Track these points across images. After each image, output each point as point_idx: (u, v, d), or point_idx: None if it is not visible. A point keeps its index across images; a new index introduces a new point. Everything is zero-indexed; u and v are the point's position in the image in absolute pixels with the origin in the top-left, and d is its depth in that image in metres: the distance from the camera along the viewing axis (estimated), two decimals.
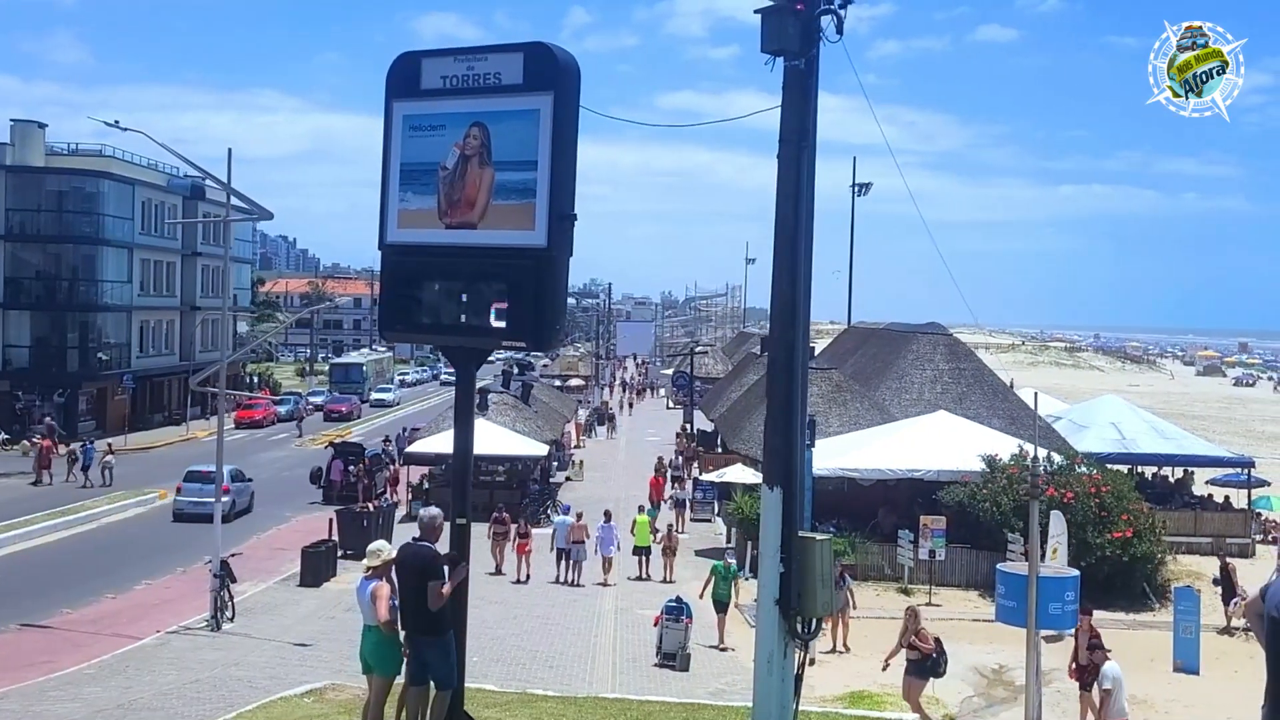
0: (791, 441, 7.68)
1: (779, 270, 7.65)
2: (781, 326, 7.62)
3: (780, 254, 7.64)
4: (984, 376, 36.44)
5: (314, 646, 19.33)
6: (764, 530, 7.72)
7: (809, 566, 7.64)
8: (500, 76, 8.89)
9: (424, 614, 8.75)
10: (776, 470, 7.68)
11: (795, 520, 7.71)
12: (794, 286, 7.58)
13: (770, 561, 7.66)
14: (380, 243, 9.46)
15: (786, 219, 7.61)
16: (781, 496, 7.63)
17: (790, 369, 7.62)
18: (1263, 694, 4.74)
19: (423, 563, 8.82)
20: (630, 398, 73.97)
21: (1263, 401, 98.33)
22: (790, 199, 7.58)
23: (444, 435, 36.72)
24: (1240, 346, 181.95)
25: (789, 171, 7.59)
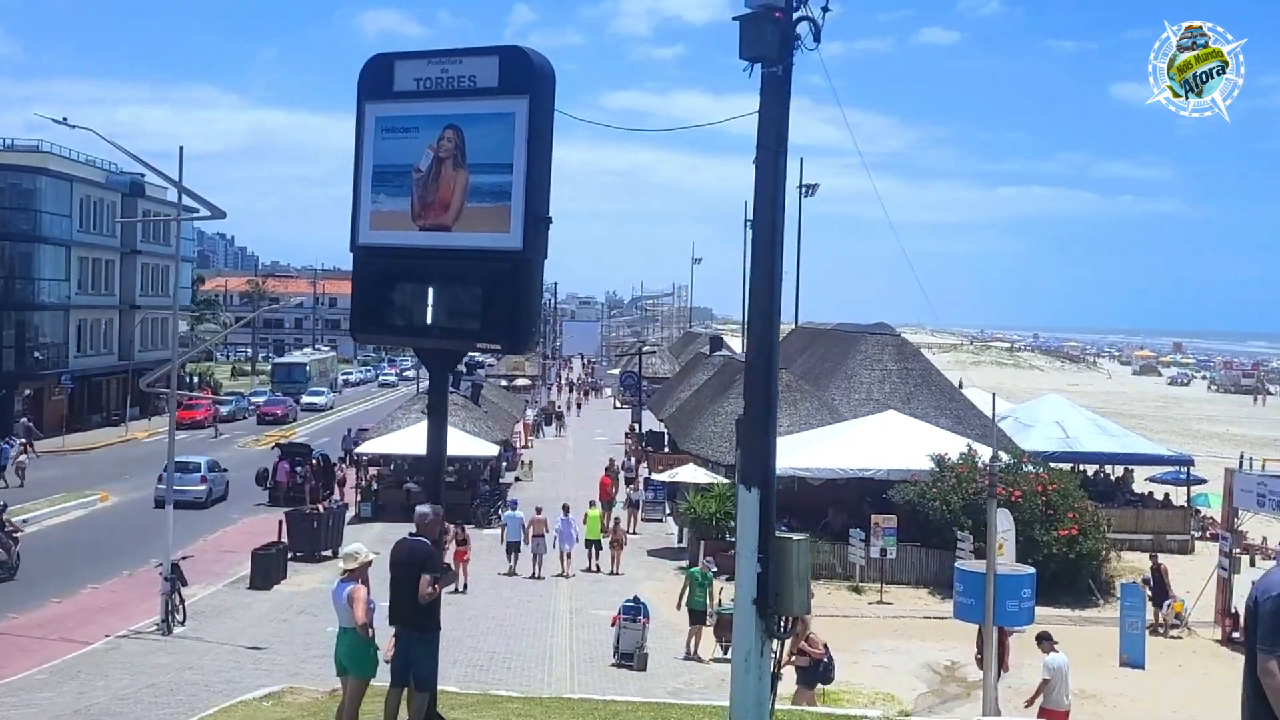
0: (769, 442, 7.78)
1: (757, 273, 7.75)
2: (761, 328, 7.72)
3: (759, 257, 7.74)
4: (931, 376, 36.91)
5: (268, 649, 19.16)
6: (741, 530, 7.81)
7: (786, 566, 7.74)
8: (475, 79, 8.92)
9: (416, 609, 8.76)
10: (754, 471, 7.77)
11: (772, 520, 7.81)
12: (772, 289, 7.68)
13: (748, 561, 7.75)
14: (352, 244, 9.44)
15: (765, 223, 7.70)
16: (759, 497, 7.72)
17: (769, 370, 7.71)
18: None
19: (419, 557, 8.84)
20: (578, 398, 73.90)
21: (1197, 400, 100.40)
22: (768, 203, 7.68)
23: (393, 436, 36.56)
24: (1175, 346, 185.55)
25: (767, 176, 7.69)
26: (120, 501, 36.97)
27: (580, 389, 78.66)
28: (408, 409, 39.14)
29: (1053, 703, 15.18)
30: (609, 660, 19.58)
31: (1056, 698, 15.19)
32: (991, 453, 28.05)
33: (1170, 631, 22.91)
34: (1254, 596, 4.98)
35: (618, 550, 28.92)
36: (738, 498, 7.87)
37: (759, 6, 7.63)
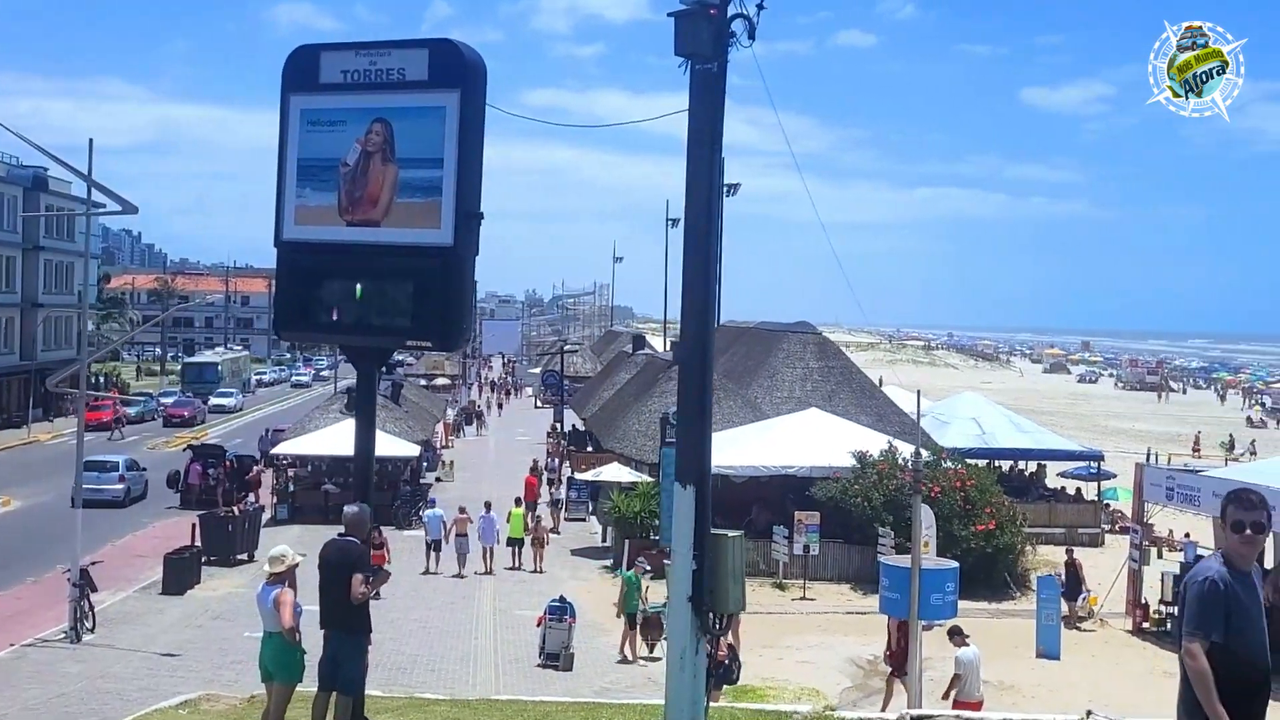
0: (705, 439, 7.75)
1: (691, 271, 7.71)
2: (695, 326, 7.68)
3: (692, 255, 7.71)
4: (852, 374, 37.32)
5: (183, 656, 18.71)
6: (676, 528, 7.77)
7: (721, 563, 7.73)
8: (404, 72, 8.76)
9: (346, 611, 8.63)
10: (689, 468, 7.75)
11: (708, 517, 7.79)
12: (706, 287, 7.65)
13: (683, 559, 7.72)
14: (276, 240, 9.22)
15: (699, 220, 7.67)
16: (695, 494, 7.69)
17: (703, 368, 7.69)
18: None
19: (349, 557, 8.71)
20: (499, 398, 73.40)
21: (1105, 397, 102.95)
22: (703, 200, 7.65)
23: (311, 436, 35.99)
24: (1083, 345, 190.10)
25: (701, 174, 7.66)
26: (25, 505, 35.89)
27: (501, 388, 78.13)
28: (326, 409, 38.60)
29: (965, 694, 15.49)
30: (534, 661, 19.46)
31: (969, 689, 15.52)
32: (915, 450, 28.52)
33: (1083, 625, 23.35)
34: (1183, 584, 5.12)
35: (540, 548, 29.14)
36: (673, 495, 7.84)
37: (693, 3, 7.59)
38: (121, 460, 37.90)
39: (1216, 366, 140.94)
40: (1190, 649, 4.93)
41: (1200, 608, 4.99)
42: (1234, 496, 5.38)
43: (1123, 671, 20.37)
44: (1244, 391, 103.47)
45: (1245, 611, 5.09)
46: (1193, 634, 4.96)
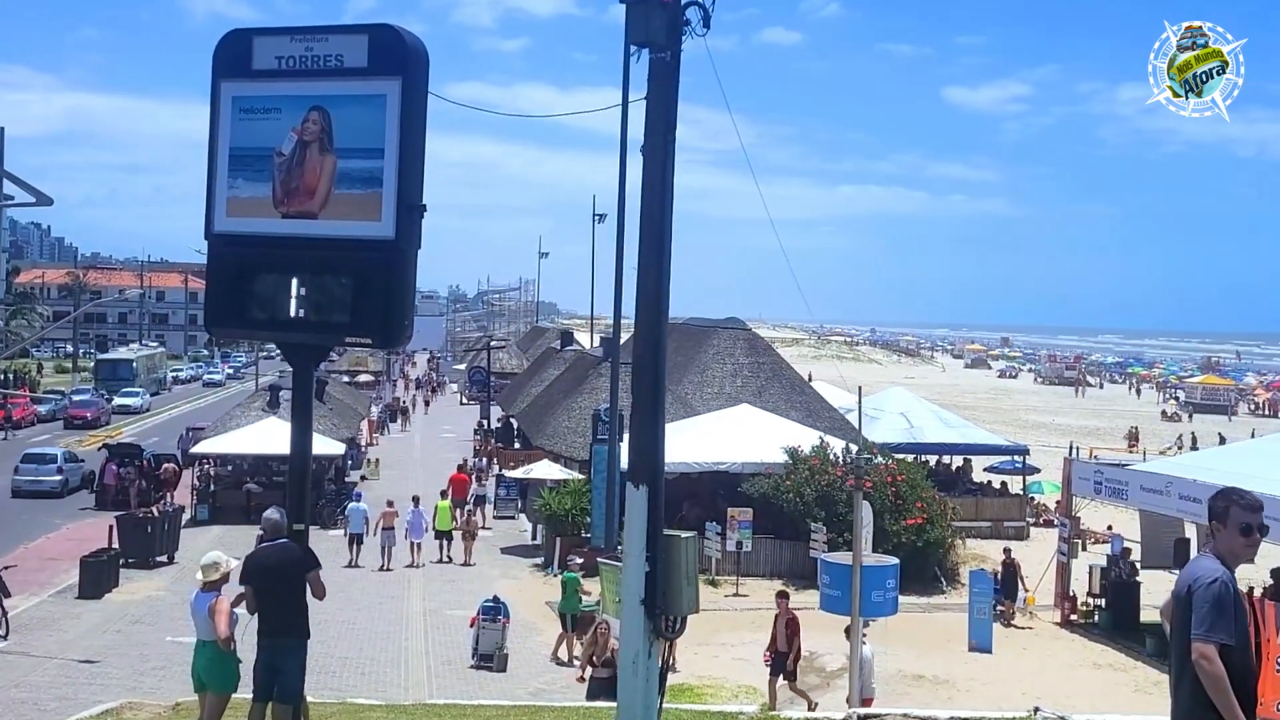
0: (658, 438, 7.56)
1: (645, 265, 7.52)
2: (648, 322, 7.49)
3: (646, 248, 7.51)
4: (782, 370, 37.42)
5: (102, 663, 18.09)
6: (629, 529, 7.58)
7: (674, 564, 7.55)
8: (342, 59, 8.40)
9: (288, 616, 8.31)
10: (643, 468, 7.56)
11: (660, 518, 7.60)
12: (659, 281, 7.46)
13: (635, 560, 7.53)
14: (206, 232, 8.80)
15: (653, 212, 7.47)
16: (648, 494, 7.49)
17: (657, 365, 7.50)
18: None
19: (294, 558, 8.30)
20: (426, 395, 72.49)
21: (1024, 392, 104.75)
22: (656, 192, 7.45)
23: (232, 435, 35.19)
24: (1002, 341, 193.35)
25: (655, 165, 7.47)
26: None
27: (428, 385, 77.24)
28: (247, 407, 37.75)
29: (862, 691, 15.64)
30: (468, 662, 19.16)
31: (867, 686, 15.71)
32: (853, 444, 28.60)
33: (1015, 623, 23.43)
34: (1184, 585, 5.04)
35: (469, 541, 29.23)
36: (625, 495, 7.63)
37: None
38: (60, 453, 38.64)
39: (1131, 362, 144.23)
40: (1205, 652, 4.87)
41: (1214, 610, 4.94)
42: (1236, 497, 5.29)
43: (1055, 663, 20.61)
44: (1158, 386, 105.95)
45: (1242, 614, 5.05)
46: (1207, 636, 4.90)
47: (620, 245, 27.24)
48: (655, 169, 7.45)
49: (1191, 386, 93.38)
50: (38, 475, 36.02)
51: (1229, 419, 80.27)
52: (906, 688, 18.42)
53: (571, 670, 18.97)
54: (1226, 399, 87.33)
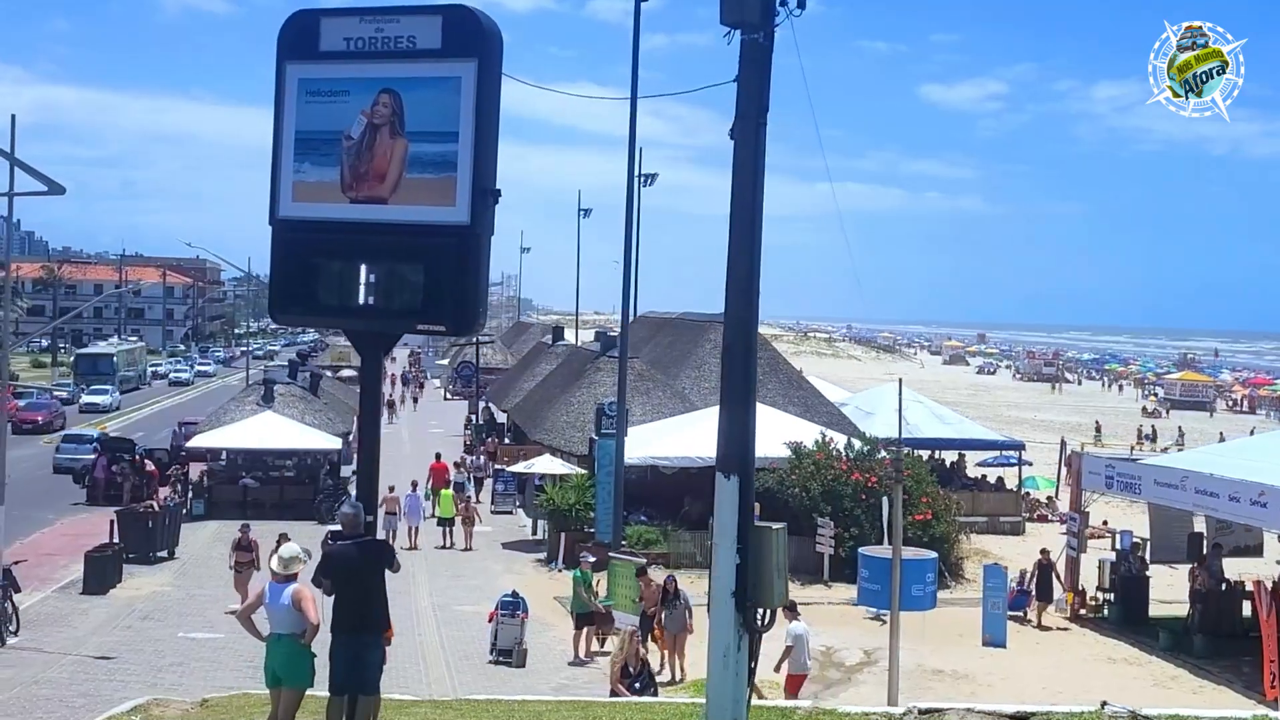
0: (749, 427, 7.44)
1: (736, 249, 7.39)
2: (739, 308, 7.36)
3: (737, 233, 7.38)
4: (779, 365, 37.37)
5: (118, 660, 17.82)
6: (719, 521, 7.46)
7: (765, 557, 7.44)
8: (415, 40, 8.25)
9: (370, 612, 8.31)
10: (732, 458, 7.43)
11: (750, 509, 7.48)
12: (751, 265, 7.33)
13: (727, 553, 7.41)
14: (271, 218, 8.65)
15: (744, 196, 7.35)
16: (738, 484, 7.37)
17: (748, 353, 7.38)
18: None
19: (375, 555, 8.31)
20: (414, 391, 71.92)
21: (1004, 388, 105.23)
22: (748, 176, 7.33)
23: (227, 430, 34.80)
24: (978, 337, 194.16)
25: (746, 148, 7.34)
26: None
27: (415, 381, 76.75)
28: (241, 401, 37.37)
29: (796, 666, 16.17)
30: (485, 657, 18.99)
31: (799, 661, 16.18)
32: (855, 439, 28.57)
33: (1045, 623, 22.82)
34: None
35: (469, 527, 29.98)
36: (715, 486, 7.50)
37: None
38: (96, 434, 42.01)
39: (1107, 358, 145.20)
40: None
41: None
42: None
43: (1069, 658, 20.61)
44: (1136, 382, 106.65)
45: None
46: None
47: (629, 239, 27.25)
48: (747, 154, 7.32)
49: (1171, 383, 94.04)
50: (75, 454, 38.79)
51: (1210, 415, 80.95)
52: (927, 682, 18.37)
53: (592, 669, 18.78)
54: (1206, 395, 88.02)
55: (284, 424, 34.35)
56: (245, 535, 22.78)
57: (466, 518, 30.03)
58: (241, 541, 22.63)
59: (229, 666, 17.60)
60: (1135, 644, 21.43)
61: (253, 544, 22.47)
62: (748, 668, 7.52)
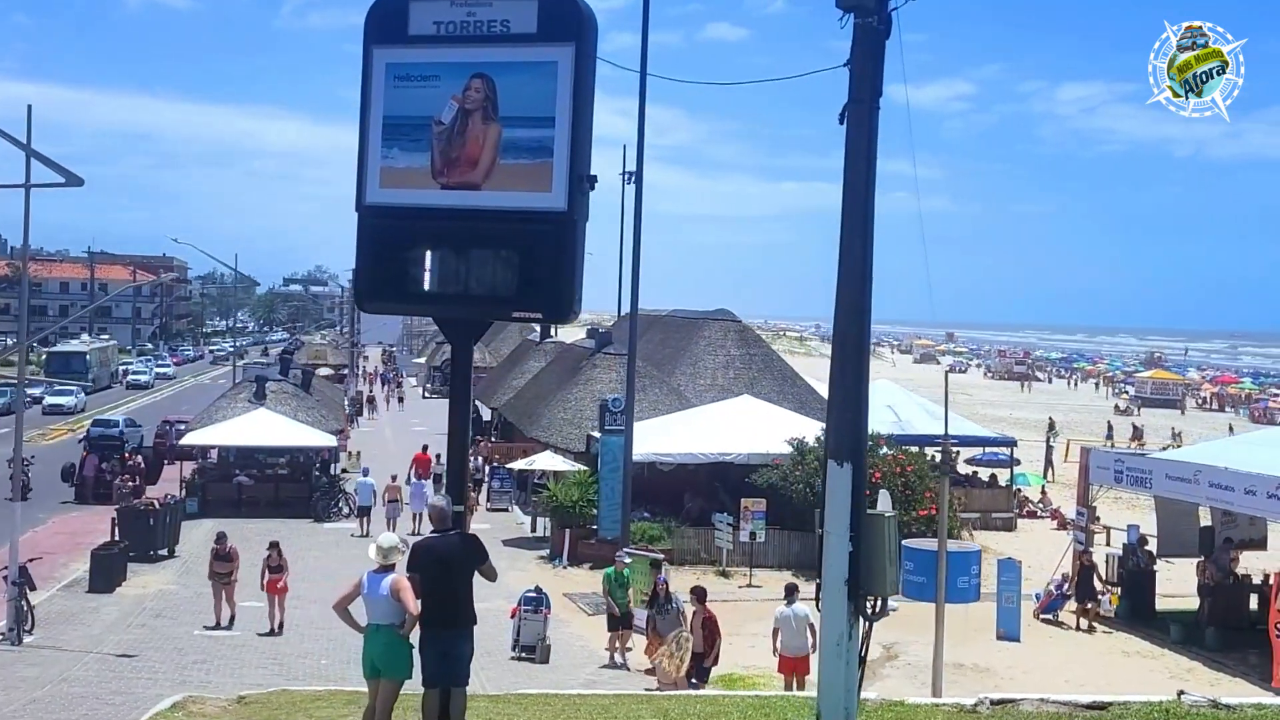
0: (862, 414, 7.41)
1: (849, 234, 7.35)
2: (852, 293, 7.33)
3: (850, 217, 7.35)
4: (773, 362, 37.43)
5: (139, 658, 17.58)
6: (831, 508, 7.42)
7: (877, 544, 7.41)
8: (509, 24, 8.16)
9: (460, 606, 8.33)
10: (845, 445, 7.39)
11: (863, 497, 7.45)
12: (864, 250, 7.30)
13: (839, 540, 7.37)
14: (358, 204, 8.53)
15: (858, 180, 7.32)
16: (852, 472, 7.33)
17: (861, 339, 7.34)
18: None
19: (467, 550, 8.24)
20: (398, 390, 71.29)
21: (977, 386, 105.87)
22: (861, 160, 7.31)
23: (219, 427, 34.42)
24: (947, 336, 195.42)
25: (860, 132, 7.31)
26: None
27: (394, 380, 76.27)
28: (233, 398, 36.97)
29: (784, 647, 16.36)
30: (507, 653, 18.85)
31: (784, 643, 16.35)
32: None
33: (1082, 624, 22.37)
34: None
35: (468, 515, 29.12)
36: (826, 473, 7.46)
37: None
38: (122, 419, 44.79)
39: (1076, 357, 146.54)
40: None
41: None
42: None
43: (1085, 652, 20.72)
44: (1106, 380, 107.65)
45: None
46: None
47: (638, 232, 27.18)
48: (860, 136, 7.29)
49: (1141, 381, 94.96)
50: (105, 434, 39.69)
51: (1181, 414, 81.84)
52: (951, 676, 18.33)
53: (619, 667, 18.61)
54: (1176, 394, 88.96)
55: (277, 421, 34.02)
56: (224, 545, 20.70)
57: (467, 507, 30.12)
58: (220, 551, 20.53)
59: (253, 664, 17.42)
60: (1147, 638, 21.57)
61: (232, 553, 20.62)
62: (858, 655, 7.47)
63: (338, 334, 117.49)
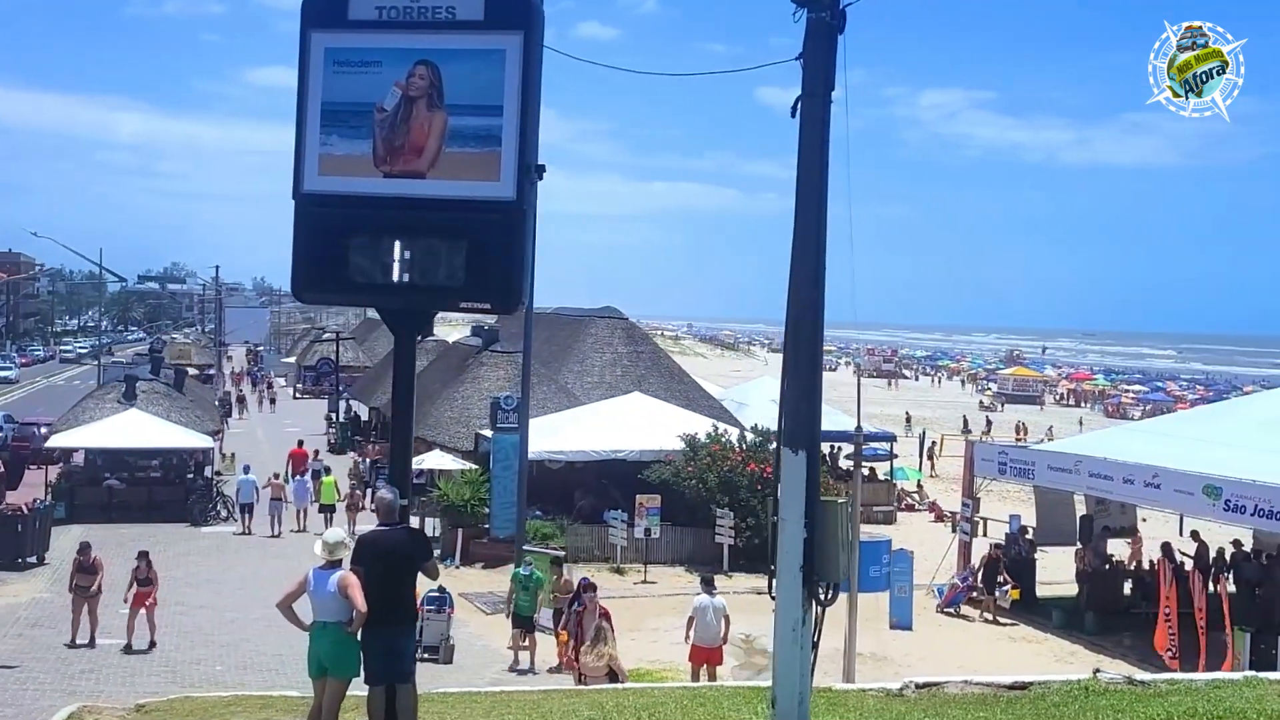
0: (816, 404, 7.51)
1: (802, 229, 7.44)
2: (806, 289, 7.42)
3: (803, 212, 7.44)
4: (660, 359, 37.63)
5: (22, 668, 16.75)
6: (786, 495, 7.50)
7: (830, 531, 7.52)
8: (454, 11, 8.04)
9: (403, 602, 8.11)
10: (801, 434, 7.48)
11: (818, 484, 7.56)
12: (818, 246, 7.41)
13: (794, 527, 7.46)
14: (295, 191, 8.30)
15: (810, 175, 7.41)
16: (806, 460, 7.44)
17: (815, 331, 7.44)
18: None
19: (410, 546, 8.09)
20: (271, 391, 69.27)
21: (847, 384, 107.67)
22: (815, 154, 7.40)
23: (88, 429, 33.02)
24: None
25: (812, 126, 7.40)
26: None
27: (264, 381, 74.26)
28: (100, 399, 35.55)
29: (697, 638, 16.76)
30: None
31: (697, 634, 16.76)
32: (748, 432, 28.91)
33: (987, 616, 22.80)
34: None
35: (354, 513, 29.80)
36: (780, 461, 7.55)
37: None
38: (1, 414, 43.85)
39: (940, 355, 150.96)
40: None
41: None
42: None
43: (974, 638, 21.39)
44: (970, 377, 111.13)
45: None
46: None
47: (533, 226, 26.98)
48: (813, 130, 7.39)
49: (1004, 378, 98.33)
50: None
51: (1040, 409, 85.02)
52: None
53: (523, 667, 18.46)
54: (1036, 390, 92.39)
55: (149, 422, 32.81)
56: (88, 556, 18.84)
57: (351, 504, 30.37)
58: (84, 563, 18.64)
59: (144, 673, 16.81)
60: (1030, 623, 22.36)
61: (96, 565, 18.71)
62: (811, 641, 7.58)
63: (200, 333, 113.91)
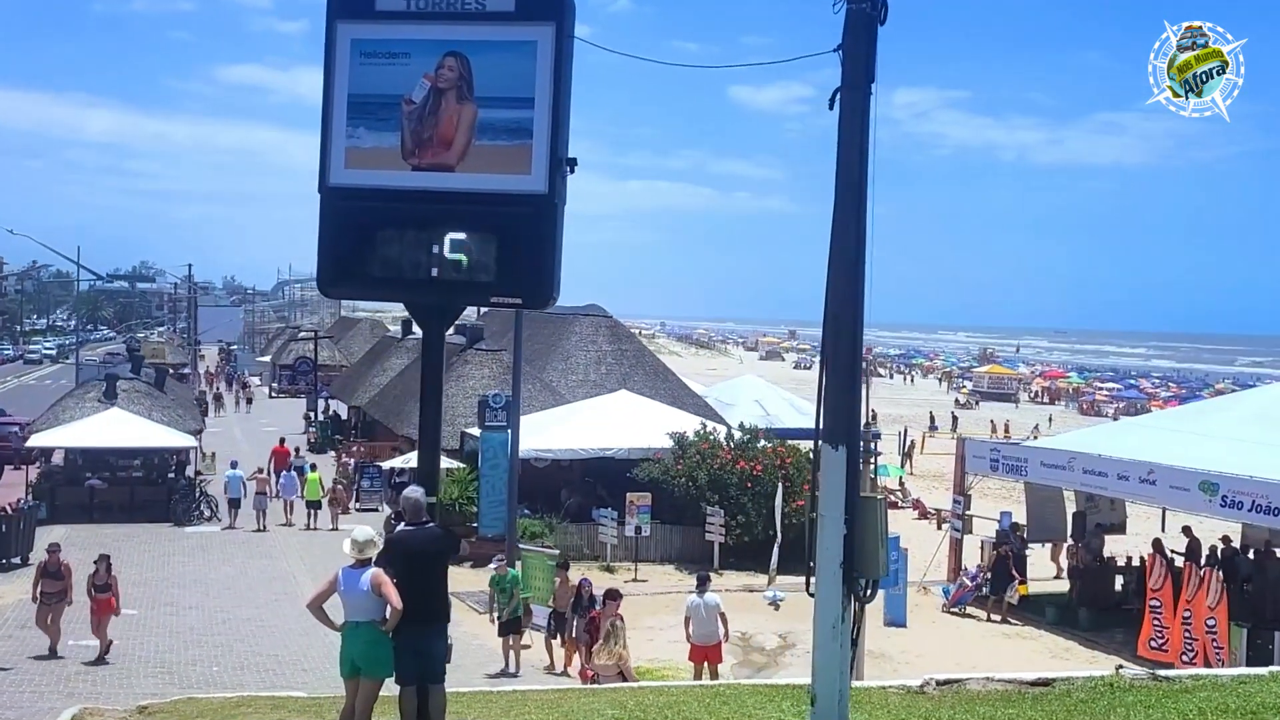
0: (856, 399, 7.46)
1: (841, 222, 7.38)
2: (845, 281, 7.35)
3: (842, 204, 7.37)
4: (644, 358, 37.57)
5: (16, 670, 16.52)
6: (826, 491, 7.43)
7: (869, 527, 7.46)
8: (484, 3, 7.95)
9: (435, 601, 8.03)
10: (840, 429, 7.41)
11: (857, 480, 7.50)
12: (858, 239, 7.35)
13: (834, 524, 7.39)
14: (321, 185, 8.18)
15: (850, 166, 7.34)
16: (846, 456, 7.38)
17: (855, 324, 7.38)
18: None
19: (441, 542, 8.05)
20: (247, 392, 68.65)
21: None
22: (854, 145, 7.33)
23: (65, 429, 32.64)
24: (789, 334, 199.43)
25: (852, 117, 7.34)
26: None
27: (238, 380, 73.65)
28: (81, 398, 35.13)
29: (693, 636, 16.66)
30: None
31: (695, 632, 16.62)
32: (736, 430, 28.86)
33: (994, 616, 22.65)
34: None
35: (337, 509, 31.03)
36: (820, 457, 7.48)
37: None
38: None
39: (913, 353, 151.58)
40: None
41: None
42: None
43: (969, 635, 21.42)
44: (945, 375, 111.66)
45: None
46: None
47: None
48: (853, 122, 7.32)
49: (979, 376, 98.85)
50: None
51: (1015, 406, 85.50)
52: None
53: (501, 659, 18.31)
54: (1011, 388, 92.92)
55: (131, 421, 32.45)
56: (54, 558, 17.92)
57: (334, 499, 31.23)
58: (49, 567, 17.67)
59: (142, 674, 16.59)
60: (1023, 620, 22.41)
61: (63, 569, 17.79)
62: (850, 638, 7.53)
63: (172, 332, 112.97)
